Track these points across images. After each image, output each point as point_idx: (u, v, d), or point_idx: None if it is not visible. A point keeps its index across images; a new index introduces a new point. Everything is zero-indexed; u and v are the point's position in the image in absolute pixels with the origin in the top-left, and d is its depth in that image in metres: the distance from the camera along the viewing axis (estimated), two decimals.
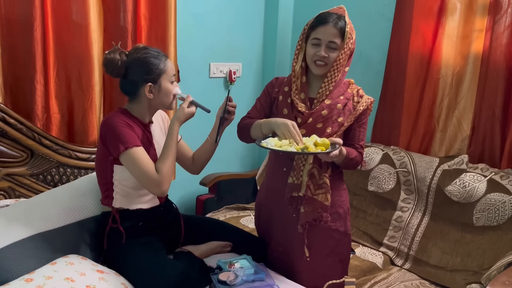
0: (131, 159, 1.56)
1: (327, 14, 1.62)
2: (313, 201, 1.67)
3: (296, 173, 1.69)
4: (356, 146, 1.69)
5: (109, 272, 1.53)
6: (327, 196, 1.67)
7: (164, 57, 1.66)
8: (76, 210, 1.74)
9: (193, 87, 2.70)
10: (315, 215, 1.68)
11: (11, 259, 1.46)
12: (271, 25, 3.08)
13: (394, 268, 2.26)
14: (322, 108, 1.65)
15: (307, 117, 1.65)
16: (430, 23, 2.39)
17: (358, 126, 1.70)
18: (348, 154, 1.62)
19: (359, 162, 1.70)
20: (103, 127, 1.61)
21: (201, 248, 1.81)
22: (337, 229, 1.73)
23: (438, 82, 2.40)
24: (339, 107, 1.65)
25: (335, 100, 1.66)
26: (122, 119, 1.59)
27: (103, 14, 2.19)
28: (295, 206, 1.71)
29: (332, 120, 1.64)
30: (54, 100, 2.10)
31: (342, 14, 1.63)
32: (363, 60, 2.69)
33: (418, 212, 2.34)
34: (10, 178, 1.95)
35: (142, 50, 1.65)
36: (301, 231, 1.70)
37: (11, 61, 1.98)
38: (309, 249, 1.71)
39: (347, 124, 1.66)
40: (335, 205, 1.72)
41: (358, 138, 1.70)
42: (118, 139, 1.56)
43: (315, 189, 1.67)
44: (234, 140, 2.79)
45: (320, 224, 1.69)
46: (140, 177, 1.58)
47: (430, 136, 2.48)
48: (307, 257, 1.71)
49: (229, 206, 2.80)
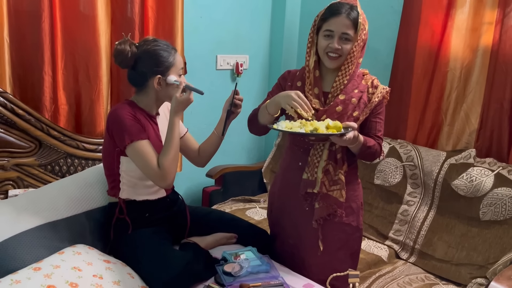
0: (136, 152, 1.57)
1: (339, 5, 1.57)
2: (327, 197, 1.65)
3: (311, 169, 1.66)
4: (373, 137, 1.66)
5: (116, 262, 1.55)
6: (342, 192, 1.64)
7: (174, 50, 1.67)
8: (84, 201, 1.76)
9: (200, 79, 2.70)
10: (330, 211, 1.66)
11: (20, 248, 1.49)
12: (278, 17, 3.06)
13: (399, 262, 2.27)
14: (336, 104, 1.61)
15: (321, 114, 1.61)
16: (439, 16, 2.36)
17: (374, 117, 1.65)
18: (366, 141, 1.59)
19: (378, 153, 1.66)
20: (109, 119, 1.62)
21: (206, 239, 1.82)
22: (349, 224, 1.71)
23: (446, 75, 2.37)
24: (353, 102, 1.61)
25: (349, 94, 1.62)
26: (129, 111, 1.60)
27: (110, 5, 2.19)
28: (310, 202, 1.69)
29: (348, 116, 1.60)
30: (62, 91, 2.11)
31: (354, 4, 1.58)
32: (370, 53, 2.64)
33: (424, 206, 2.34)
34: (19, 168, 1.97)
35: (152, 42, 1.65)
36: (316, 227, 1.69)
37: (20, 53, 1.99)
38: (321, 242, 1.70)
39: (363, 117, 1.62)
40: (349, 199, 1.69)
41: (375, 129, 1.66)
42: (124, 132, 1.56)
43: (330, 185, 1.65)
44: (241, 132, 2.80)
45: (334, 219, 1.68)
46: (144, 170, 1.59)
47: (437, 129, 2.46)
48: (320, 251, 1.70)
49: (235, 198, 2.81)
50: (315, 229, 1.69)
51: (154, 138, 1.68)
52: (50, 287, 1.31)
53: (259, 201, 2.80)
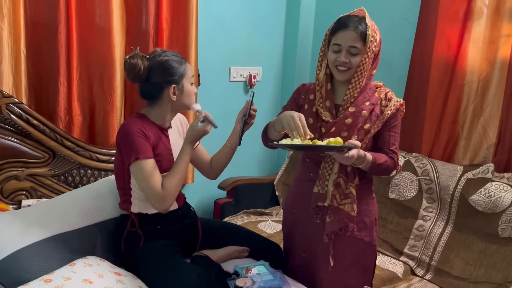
0: (139, 170, 1.56)
1: (347, 18, 1.57)
2: (338, 211, 1.62)
3: (322, 182, 1.64)
4: (386, 151, 1.63)
5: (127, 275, 1.54)
6: (353, 206, 1.62)
7: (183, 59, 1.68)
8: (96, 212, 1.76)
9: (213, 91, 2.71)
10: (341, 225, 1.63)
11: (31, 259, 1.48)
12: (292, 29, 3.06)
13: (415, 278, 2.21)
14: (346, 116, 1.59)
15: (330, 126, 1.60)
16: (455, 28, 2.34)
17: (387, 130, 1.63)
18: (375, 159, 1.57)
19: (391, 168, 1.64)
20: (119, 134, 1.62)
21: (218, 252, 1.80)
22: (362, 239, 1.67)
23: (463, 88, 2.34)
24: (364, 114, 1.59)
25: (359, 107, 1.60)
26: (138, 127, 1.58)
27: (125, 17, 2.22)
28: (321, 216, 1.67)
29: (358, 128, 1.58)
30: (76, 102, 2.13)
31: (363, 16, 1.57)
32: (385, 65, 2.62)
33: (440, 221, 2.28)
34: (33, 178, 1.98)
35: (162, 53, 1.65)
36: (327, 241, 1.66)
37: (36, 64, 2.02)
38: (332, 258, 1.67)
39: (374, 130, 1.60)
40: (362, 214, 1.66)
41: (389, 143, 1.63)
42: (131, 148, 1.56)
43: (341, 199, 1.62)
44: (253, 144, 2.79)
45: (346, 234, 1.64)
46: (144, 190, 1.58)
47: (453, 143, 2.41)
48: (331, 266, 1.67)
49: (247, 210, 2.79)
50: (326, 243, 1.67)
51: (164, 151, 1.67)
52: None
53: (271, 214, 2.77)
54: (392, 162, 1.63)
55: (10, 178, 1.93)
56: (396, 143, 1.65)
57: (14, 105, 1.88)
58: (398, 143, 1.67)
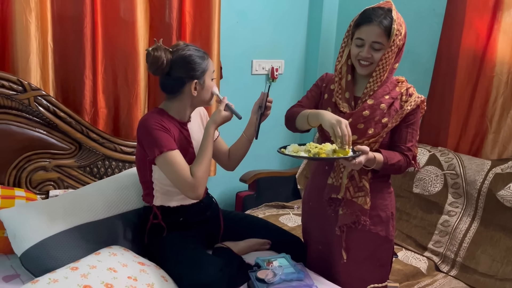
0: (166, 163, 1.56)
1: (372, 11, 1.53)
2: (352, 204, 1.62)
3: (336, 174, 1.64)
4: (402, 148, 1.60)
5: (150, 265, 1.56)
6: (366, 199, 1.61)
7: (205, 54, 1.67)
8: (120, 203, 1.79)
9: (235, 84, 2.71)
10: (354, 218, 1.62)
11: (58, 247, 1.53)
12: (315, 22, 3.03)
13: (439, 274, 2.17)
14: (363, 108, 1.57)
15: (347, 117, 1.57)
16: (484, 18, 2.26)
17: (405, 126, 1.60)
18: (387, 159, 1.55)
19: (404, 166, 1.61)
20: (139, 129, 1.62)
21: (240, 244, 1.81)
22: (377, 233, 1.66)
23: (492, 80, 2.27)
24: (382, 107, 1.57)
25: (378, 100, 1.57)
26: (158, 121, 1.59)
27: (149, 11, 2.23)
28: (334, 208, 1.66)
29: (375, 121, 1.56)
30: (101, 94, 2.16)
31: (389, 8, 1.53)
32: (410, 57, 2.58)
33: (466, 217, 2.23)
34: (60, 169, 2.03)
35: (185, 47, 1.65)
36: (339, 233, 1.66)
37: (62, 57, 2.06)
38: (347, 251, 1.67)
39: (392, 125, 1.57)
40: (377, 208, 1.65)
41: (405, 139, 1.60)
42: (153, 143, 1.56)
43: (354, 192, 1.62)
44: (275, 137, 2.78)
45: (358, 227, 1.64)
46: (175, 181, 1.59)
47: (481, 137, 2.35)
48: (344, 260, 1.67)
49: (269, 203, 2.79)
50: (340, 236, 1.66)
51: (184, 145, 1.67)
52: (86, 287, 1.33)
53: (292, 207, 2.76)
54: (406, 161, 1.60)
55: (38, 169, 1.98)
56: (414, 140, 1.62)
57: (41, 97, 1.93)
58: (416, 140, 1.64)
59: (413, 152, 1.62)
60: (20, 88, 1.88)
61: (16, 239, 1.54)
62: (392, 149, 1.61)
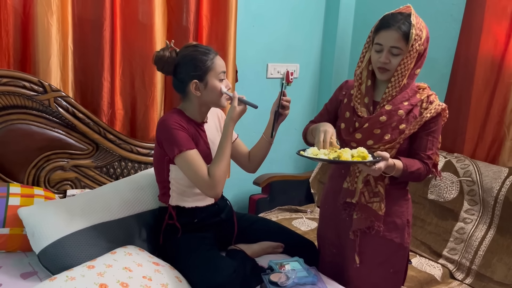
0: (185, 162, 1.57)
1: (390, 17, 1.53)
2: (366, 209, 1.61)
3: (351, 179, 1.64)
4: (421, 156, 1.58)
5: (164, 265, 1.58)
6: (381, 205, 1.60)
7: (214, 54, 1.64)
8: (135, 203, 1.81)
9: (250, 88, 2.72)
10: (367, 223, 1.62)
11: (75, 246, 1.55)
12: (331, 26, 3.03)
13: (454, 282, 2.14)
14: (381, 113, 1.57)
15: (364, 122, 1.58)
16: (503, 24, 2.24)
17: (426, 134, 1.58)
18: (407, 167, 1.53)
19: (424, 174, 1.59)
20: (158, 129, 1.64)
21: (253, 247, 1.81)
22: (392, 240, 1.65)
23: (510, 87, 2.24)
24: (400, 113, 1.55)
25: (396, 106, 1.56)
26: (176, 121, 1.60)
27: (167, 14, 2.26)
28: (348, 212, 1.66)
29: (392, 127, 1.55)
30: (118, 96, 2.20)
31: (409, 13, 1.52)
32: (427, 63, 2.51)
33: (482, 225, 2.20)
34: (77, 169, 2.07)
35: (191, 47, 1.65)
36: (353, 238, 1.66)
37: (82, 59, 2.10)
38: (360, 256, 1.66)
39: (410, 131, 1.56)
40: (393, 214, 1.64)
41: (425, 147, 1.58)
42: (172, 142, 1.57)
43: (369, 197, 1.61)
44: (288, 141, 2.79)
45: (372, 232, 1.63)
46: (193, 180, 1.60)
47: (499, 144, 2.32)
48: (357, 264, 1.67)
49: (282, 207, 2.79)
50: (354, 240, 1.66)
51: (202, 146, 1.69)
52: (102, 285, 1.35)
53: (305, 211, 2.76)
54: (426, 169, 1.59)
55: (57, 169, 2.02)
56: (434, 148, 1.60)
57: (61, 98, 1.97)
58: (438, 148, 1.62)
59: (434, 160, 1.61)
60: (41, 89, 1.92)
61: (35, 237, 1.57)
62: (412, 157, 1.60)
